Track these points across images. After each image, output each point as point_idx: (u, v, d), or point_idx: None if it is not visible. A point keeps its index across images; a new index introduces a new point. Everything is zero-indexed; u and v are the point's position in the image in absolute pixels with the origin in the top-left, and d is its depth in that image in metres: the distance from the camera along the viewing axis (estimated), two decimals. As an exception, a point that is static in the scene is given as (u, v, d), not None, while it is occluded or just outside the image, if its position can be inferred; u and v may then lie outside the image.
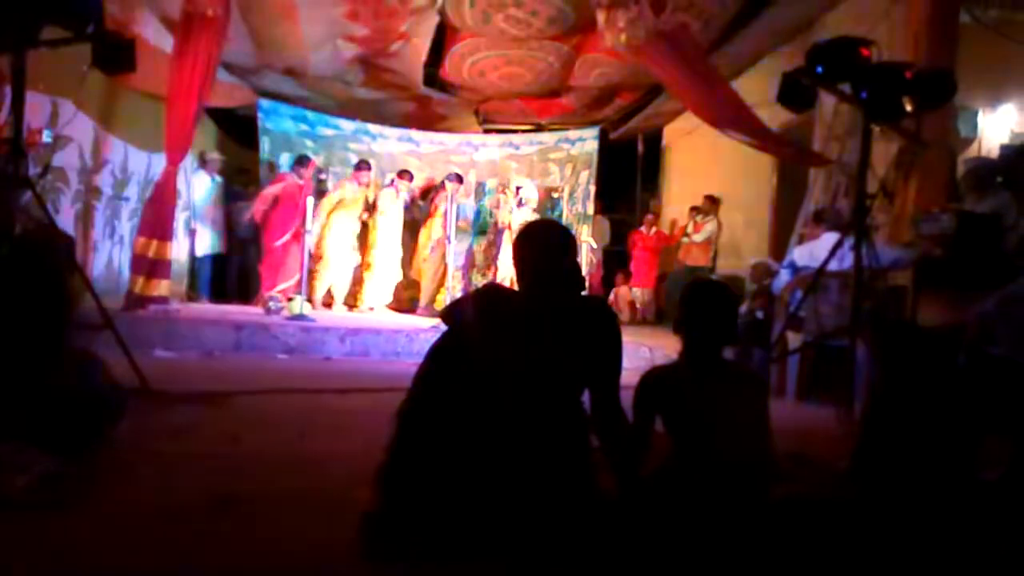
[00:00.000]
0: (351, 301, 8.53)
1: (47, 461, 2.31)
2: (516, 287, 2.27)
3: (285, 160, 8.89)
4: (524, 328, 2.07)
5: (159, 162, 6.71)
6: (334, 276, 8.24)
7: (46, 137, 5.20)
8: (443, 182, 8.65)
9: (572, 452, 2.04)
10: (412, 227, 8.68)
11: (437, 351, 2.16)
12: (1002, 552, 1.92)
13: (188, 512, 2.11)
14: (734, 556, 1.79)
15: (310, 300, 7.73)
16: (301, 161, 8.09)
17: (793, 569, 1.74)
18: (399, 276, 8.64)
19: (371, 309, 8.33)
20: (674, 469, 2.09)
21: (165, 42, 6.29)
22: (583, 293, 2.23)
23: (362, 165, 8.48)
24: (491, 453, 1.97)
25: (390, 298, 8.64)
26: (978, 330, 3.20)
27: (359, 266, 8.45)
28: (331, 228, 8.12)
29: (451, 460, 1.98)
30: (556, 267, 2.14)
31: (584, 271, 8.32)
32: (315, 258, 8.07)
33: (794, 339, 4.91)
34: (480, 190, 9.79)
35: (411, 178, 8.65)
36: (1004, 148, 5.15)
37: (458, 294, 7.64)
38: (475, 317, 2.10)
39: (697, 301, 2.20)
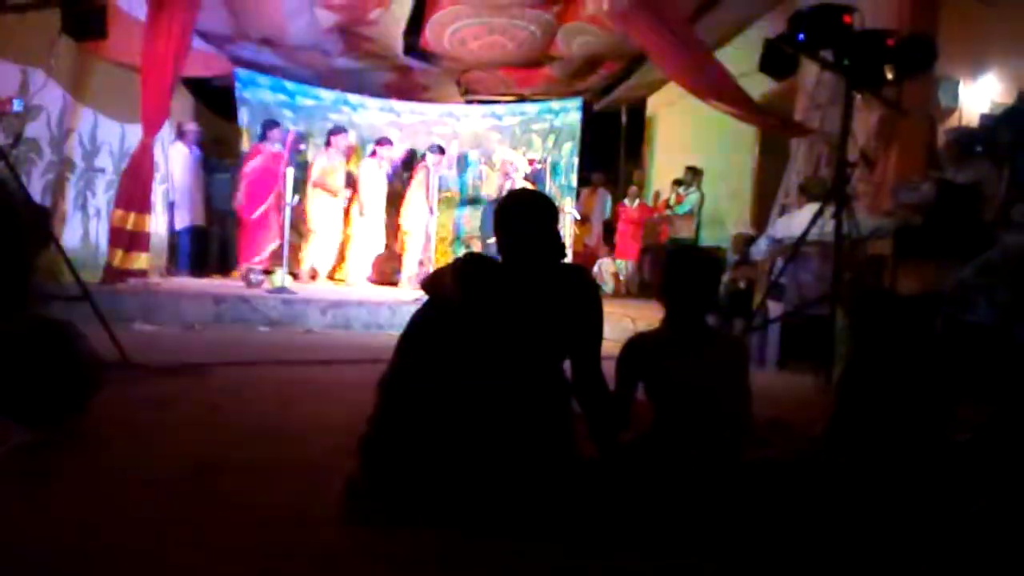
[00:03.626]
0: (333, 274, 8.48)
1: (23, 432, 2.30)
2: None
3: (265, 132, 8.76)
4: (505, 297, 2.07)
5: (134, 133, 6.58)
6: (319, 249, 8.17)
7: (17, 107, 5.09)
8: (424, 154, 8.57)
9: (553, 420, 2.05)
10: (394, 198, 8.60)
11: (418, 321, 2.15)
12: (972, 516, 1.95)
13: (167, 480, 2.10)
14: (711, 519, 1.81)
15: (293, 274, 7.66)
16: (269, 126, 7.94)
17: (769, 531, 1.76)
18: (381, 248, 8.59)
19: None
20: (655, 435, 2.11)
21: (139, 10, 6.13)
22: (564, 262, 2.22)
23: (336, 130, 8.37)
24: (472, 421, 1.98)
25: (371, 271, 8.59)
26: (955, 297, 3.24)
27: (341, 239, 8.38)
28: (315, 201, 8.03)
29: (433, 429, 1.98)
30: (537, 236, 2.13)
31: (568, 242, 8.34)
32: (303, 233, 8.00)
33: (775, 308, 4.95)
34: (463, 161, 9.72)
35: (391, 144, 8.56)
36: (984, 118, 5.16)
37: (440, 265, 7.60)
38: (456, 287, 2.09)
39: (680, 267, 2.19)
